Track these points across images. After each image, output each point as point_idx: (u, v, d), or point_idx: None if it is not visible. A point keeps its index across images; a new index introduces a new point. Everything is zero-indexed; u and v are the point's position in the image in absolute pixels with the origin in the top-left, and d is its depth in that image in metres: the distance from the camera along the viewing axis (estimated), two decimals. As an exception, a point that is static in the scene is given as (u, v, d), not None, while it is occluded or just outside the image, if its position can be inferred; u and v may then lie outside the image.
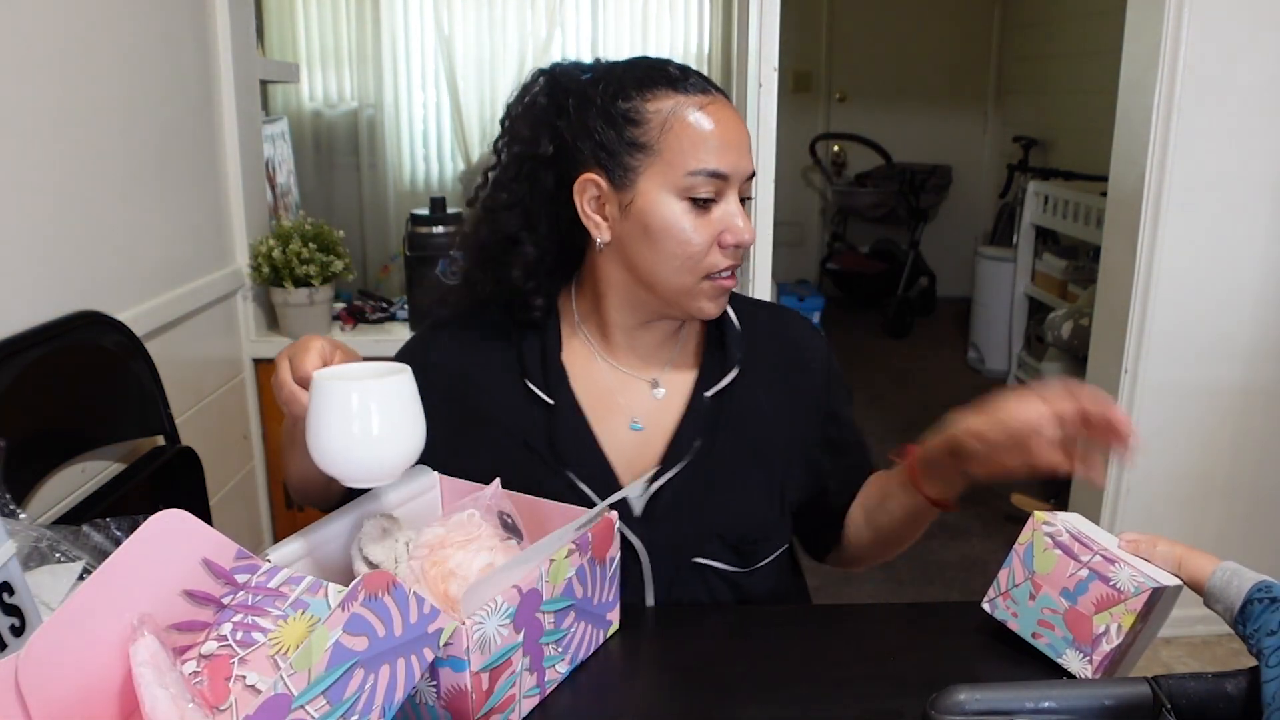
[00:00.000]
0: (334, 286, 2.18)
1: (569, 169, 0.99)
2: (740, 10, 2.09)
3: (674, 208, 0.94)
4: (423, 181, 3.61)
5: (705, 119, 0.94)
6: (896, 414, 3.83)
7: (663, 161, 0.94)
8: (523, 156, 1.00)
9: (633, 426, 1.04)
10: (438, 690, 0.75)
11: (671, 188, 0.94)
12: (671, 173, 0.94)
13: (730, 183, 0.95)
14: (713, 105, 0.96)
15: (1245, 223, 2.13)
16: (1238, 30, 2.02)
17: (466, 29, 3.41)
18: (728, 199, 0.96)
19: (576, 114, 0.98)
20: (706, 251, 0.96)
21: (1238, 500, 2.30)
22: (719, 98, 0.97)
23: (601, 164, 0.96)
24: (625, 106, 0.95)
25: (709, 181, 0.94)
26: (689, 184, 0.94)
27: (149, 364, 1.59)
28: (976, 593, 0.97)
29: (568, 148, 0.98)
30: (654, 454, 1.04)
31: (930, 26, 5.37)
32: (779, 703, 0.85)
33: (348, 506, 0.92)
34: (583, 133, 0.97)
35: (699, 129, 0.94)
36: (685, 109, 0.94)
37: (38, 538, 0.94)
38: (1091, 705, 0.80)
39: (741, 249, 0.97)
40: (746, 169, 0.97)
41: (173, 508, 0.71)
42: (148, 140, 1.71)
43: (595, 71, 1.00)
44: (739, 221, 0.95)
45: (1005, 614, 0.92)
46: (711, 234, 0.95)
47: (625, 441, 1.04)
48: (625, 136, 0.95)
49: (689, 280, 0.97)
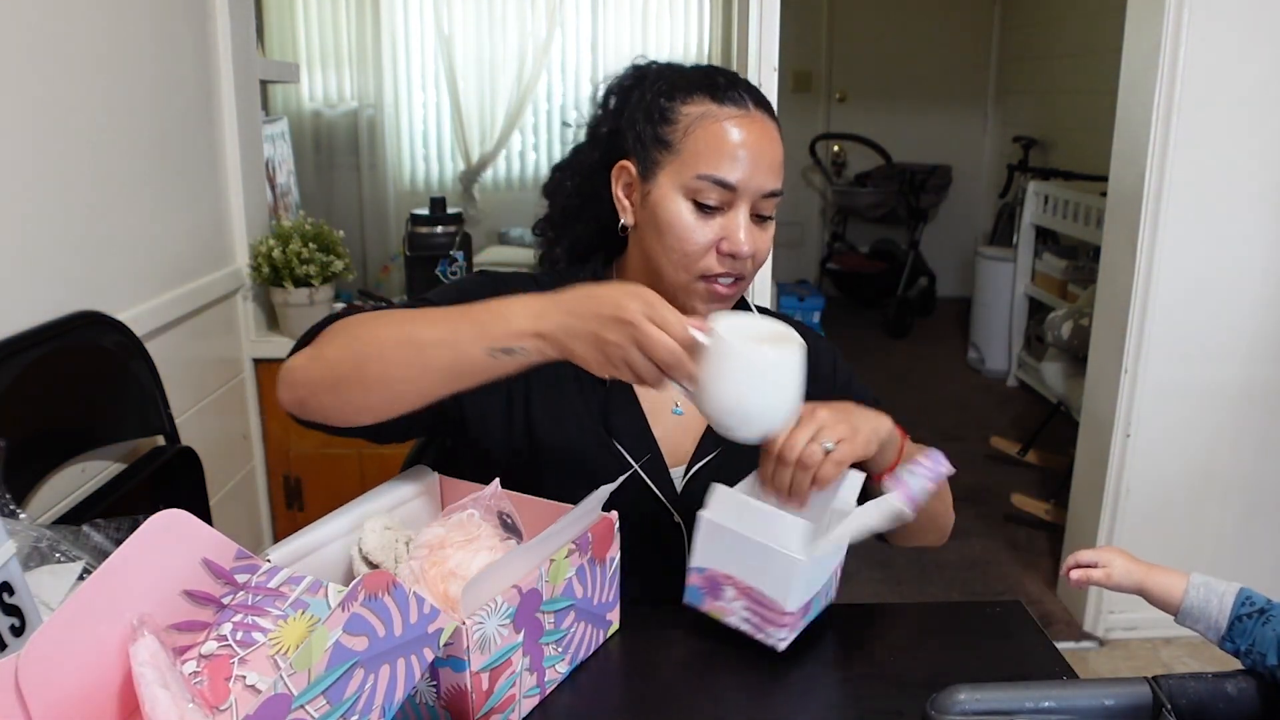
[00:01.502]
0: (334, 286, 2.18)
1: (614, 153, 1.05)
2: (740, 10, 2.09)
3: (680, 206, 0.98)
4: (423, 181, 3.62)
5: (728, 130, 0.97)
6: (897, 414, 3.80)
7: (680, 161, 0.98)
8: (591, 131, 1.10)
9: (674, 411, 1.09)
10: (438, 690, 0.75)
11: (681, 187, 0.98)
12: (685, 173, 0.98)
13: (740, 195, 0.97)
14: (743, 120, 0.98)
15: (1245, 222, 2.13)
16: (1238, 30, 2.02)
17: (466, 29, 3.40)
18: (736, 210, 0.98)
19: (633, 105, 1.04)
20: (703, 254, 0.98)
21: (1238, 500, 2.30)
22: (756, 115, 0.99)
23: (635, 153, 1.02)
24: (665, 105, 1.00)
25: (715, 189, 0.96)
26: (696, 187, 0.97)
27: (149, 364, 1.59)
28: (976, 593, 0.97)
29: (619, 133, 1.05)
30: (691, 439, 1.09)
31: (930, 26, 5.37)
32: (779, 702, 0.85)
33: (347, 506, 0.92)
34: (629, 122, 1.03)
35: (718, 138, 0.97)
36: (713, 117, 0.98)
37: (38, 538, 0.94)
38: (1091, 705, 0.80)
39: (739, 260, 0.98)
40: (761, 186, 0.98)
41: (173, 508, 0.71)
42: (148, 140, 1.71)
43: (660, 70, 1.06)
44: (740, 234, 0.97)
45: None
46: (711, 238, 0.98)
47: (668, 424, 1.08)
48: (657, 132, 1.00)
49: (684, 277, 1.00)
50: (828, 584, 0.95)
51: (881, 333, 5.06)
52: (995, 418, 3.86)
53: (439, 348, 0.83)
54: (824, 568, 0.91)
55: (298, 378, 0.91)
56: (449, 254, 2.30)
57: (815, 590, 0.91)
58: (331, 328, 0.92)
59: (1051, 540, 2.78)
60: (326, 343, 0.90)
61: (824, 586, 0.93)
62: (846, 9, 5.40)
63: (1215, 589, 0.84)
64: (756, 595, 0.87)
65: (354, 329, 0.89)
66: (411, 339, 0.84)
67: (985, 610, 1.01)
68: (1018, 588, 2.56)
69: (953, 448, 3.94)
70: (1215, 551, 2.32)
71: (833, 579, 0.96)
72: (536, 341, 0.80)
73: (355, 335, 0.88)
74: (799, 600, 0.87)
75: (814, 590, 0.90)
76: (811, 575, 0.87)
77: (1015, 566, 2.69)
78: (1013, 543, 2.83)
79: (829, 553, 0.89)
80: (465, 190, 3.56)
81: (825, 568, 0.92)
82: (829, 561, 0.92)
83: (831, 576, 0.95)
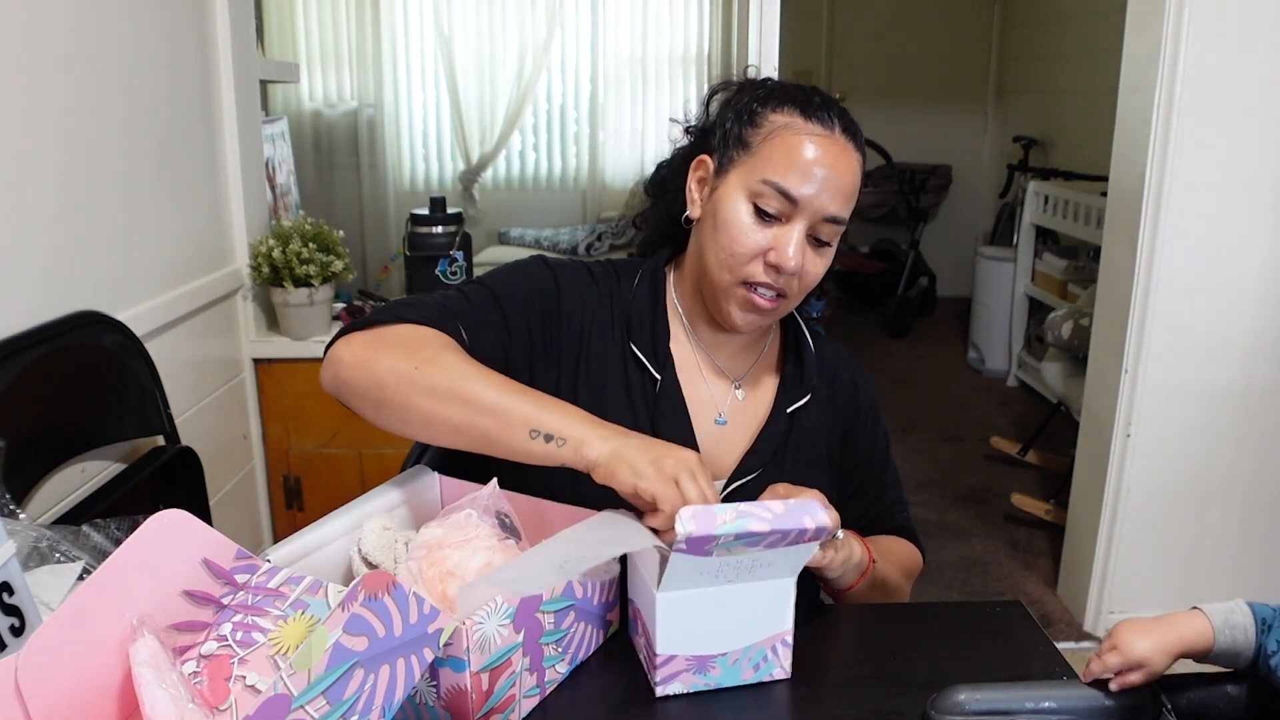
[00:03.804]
0: (334, 286, 2.18)
1: (700, 148, 1.06)
2: (740, 10, 2.09)
3: (740, 207, 0.98)
4: (423, 181, 3.62)
5: (805, 145, 0.97)
6: (897, 414, 3.83)
7: (753, 163, 0.99)
8: (688, 129, 1.11)
9: (718, 421, 1.08)
10: (438, 690, 0.75)
11: (746, 189, 0.98)
12: (752, 175, 0.98)
13: (800, 210, 0.97)
14: (822, 139, 0.98)
15: (1245, 223, 2.13)
16: (1238, 30, 2.02)
17: (466, 29, 3.41)
18: (794, 225, 0.97)
19: (729, 104, 1.05)
20: (750, 259, 0.98)
21: (1238, 500, 2.30)
22: (839, 139, 0.99)
23: (716, 149, 1.03)
24: (756, 109, 1.01)
25: (777, 198, 0.96)
26: (759, 190, 0.97)
27: (149, 364, 1.59)
28: (976, 593, 0.97)
29: (709, 131, 1.06)
30: (733, 451, 1.08)
31: (930, 26, 5.37)
32: (779, 702, 0.85)
33: (347, 506, 0.92)
34: (720, 120, 1.04)
35: (793, 150, 0.97)
36: (794, 129, 0.98)
37: (38, 538, 0.94)
38: (1092, 705, 0.80)
39: (783, 275, 0.98)
40: (825, 207, 0.97)
41: (173, 508, 0.71)
42: (148, 140, 1.71)
43: (765, 80, 1.07)
44: (790, 248, 0.97)
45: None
46: (762, 245, 0.98)
47: (710, 433, 1.07)
48: (741, 133, 1.01)
49: (727, 279, 1.00)
50: (759, 653, 0.86)
51: (881, 333, 5.06)
52: (995, 418, 3.86)
53: (488, 416, 0.86)
54: (723, 615, 0.83)
55: (342, 375, 0.92)
56: (449, 254, 2.29)
57: (718, 645, 0.84)
58: (395, 331, 0.93)
59: (1051, 540, 2.78)
60: (384, 349, 0.91)
61: (744, 651, 0.85)
62: (846, 9, 5.40)
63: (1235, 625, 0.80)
64: (647, 632, 0.85)
65: (416, 351, 0.90)
66: (466, 396, 0.86)
67: (985, 610, 1.01)
68: (1018, 588, 2.56)
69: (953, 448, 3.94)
70: (1215, 551, 2.32)
71: (772, 650, 0.86)
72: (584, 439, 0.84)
73: (414, 361, 0.89)
74: (671, 642, 0.82)
75: (711, 643, 0.84)
76: (689, 616, 0.82)
77: (1015, 566, 2.69)
78: (1013, 543, 2.83)
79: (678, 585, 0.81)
80: (465, 190, 3.56)
81: (727, 616, 0.84)
82: (721, 607, 0.83)
83: (767, 648, 0.86)
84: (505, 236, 3.57)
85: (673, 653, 0.83)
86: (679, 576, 0.80)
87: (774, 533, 0.78)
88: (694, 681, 0.85)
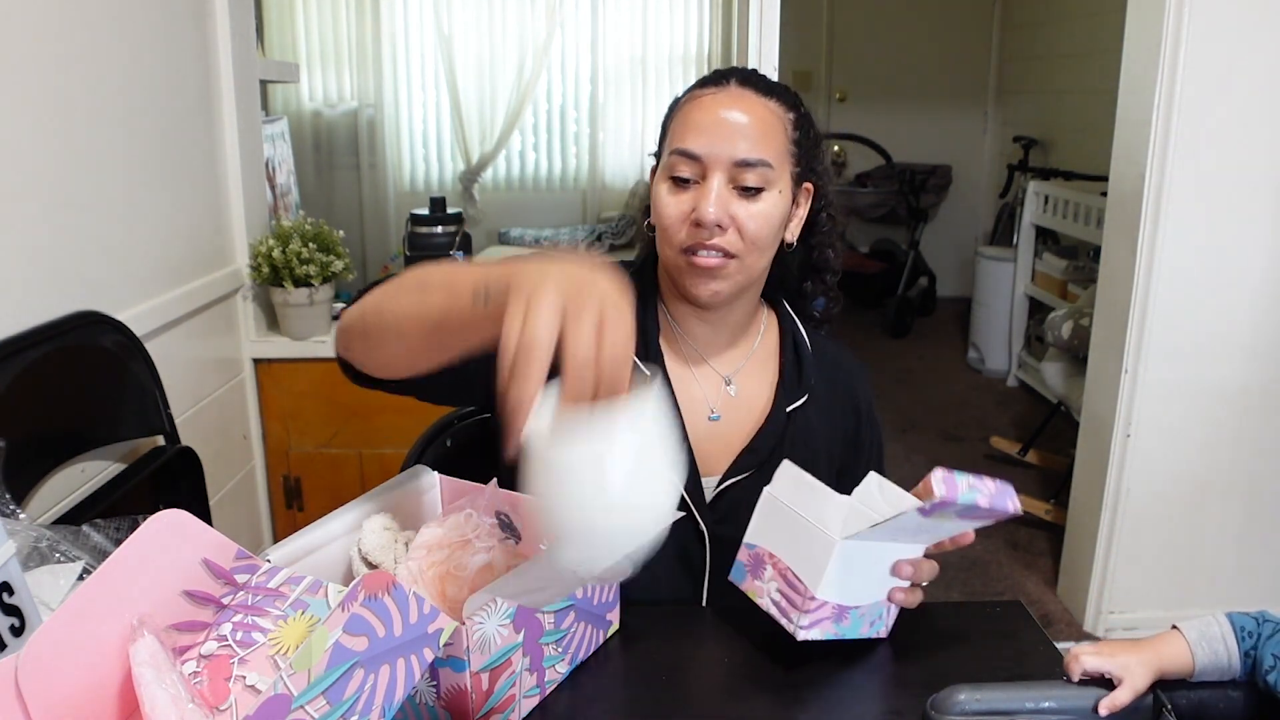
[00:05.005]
0: (334, 286, 2.18)
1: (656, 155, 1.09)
2: (740, 10, 2.09)
3: (661, 186, 1.02)
4: (423, 181, 3.62)
5: (697, 106, 1.01)
6: (897, 414, 3.83)
7: (666, 148, 1.03)
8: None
9: (710, 417, 1.09)
10: (438, 690, 0.75)
11: (664, 168, 1.02)
12: (665, 155, 1.03)
13: (709, 165, 0.98)
14: (714, 95, 1.01)
15: (1245, 222, 2.13)
16: (1238, 30, 2.02)
17: (466, 29, 3.41)
18: (709, 180, 0.98)
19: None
20: (680, 227, 1.00)
21: (1238, 500, 2.30)
22: (733, 90, 1.01)
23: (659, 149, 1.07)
24: (675, 103, 1.06)
25: (683, 161, 0.99)
26: (670, 163, 1.00)
27: (149, 364, 1.59)
28: (976, 593, 0.97)
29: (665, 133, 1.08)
30: (727, 449, 1.07)
31: (930, 26, 5.37)
32: (779, 702, 0.85)
33: (347, 506, 0.92)
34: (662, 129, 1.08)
35: (687, 114, 1.01)
36: (688, 99, 1.03)
37: (38, 538, 0.94)
38: (1092, 705, 0.80)
39: (706, 228, 0.97)
40: (730, 154, 0.97)
41: (173, 508, 0.71)
42: (148, 140, 1.71)
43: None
44: (706, 202, 0.97)
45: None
46: (685, 210, 0.99)
47: (703, 430, 1.08)
48: (664, 128, 1.06)
49: (671, 255, 1.02)
50: (877, 610, 0.91)
51: (881, 333, 5.06)
52: (995, 418, 3.86)
53: (439, 290, 0.75)
54: (868, 570, 0.88)
55: (340, 327, 0.90)
56: (449, 254, 2.30)
57: (857, 597, 0.88)
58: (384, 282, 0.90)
59: (1051, 540, 2.78)
60: (370, 292, 0.88)
61: (870, 607, 0.90)
62: (846, 9, 5.40)
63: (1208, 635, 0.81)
64: (791, 577, 0.86)
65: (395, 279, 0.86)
66: (421, 280, 0.79)
67: (985, 610, 1.01)
68: (1018, 588, 2.56)
69: (953, 448, 3.93)
70: (1215, 551, 2.32)
71: (886, 610, 0.92)
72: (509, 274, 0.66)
73: (389, 282, 0.85)
74: (830, 588, 0.84)
75: (854, 594, 0.87)
76: (849, 567, 0.85)
77: (1015, 566, 2.69)
78: (1013, 543, 2.83)
79: (867, 536, 0.83)
80: (465, 190, 3.56)
81: (869, 571, 0.88)
82: (871, 562, 0.88)
83: (884, 607, 0.91)
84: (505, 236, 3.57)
85: (827, 599, 0.85)
86: (867, 532, 0.83)
87: (986, 509, 0.82)
88: (829, 629, 0.87)
